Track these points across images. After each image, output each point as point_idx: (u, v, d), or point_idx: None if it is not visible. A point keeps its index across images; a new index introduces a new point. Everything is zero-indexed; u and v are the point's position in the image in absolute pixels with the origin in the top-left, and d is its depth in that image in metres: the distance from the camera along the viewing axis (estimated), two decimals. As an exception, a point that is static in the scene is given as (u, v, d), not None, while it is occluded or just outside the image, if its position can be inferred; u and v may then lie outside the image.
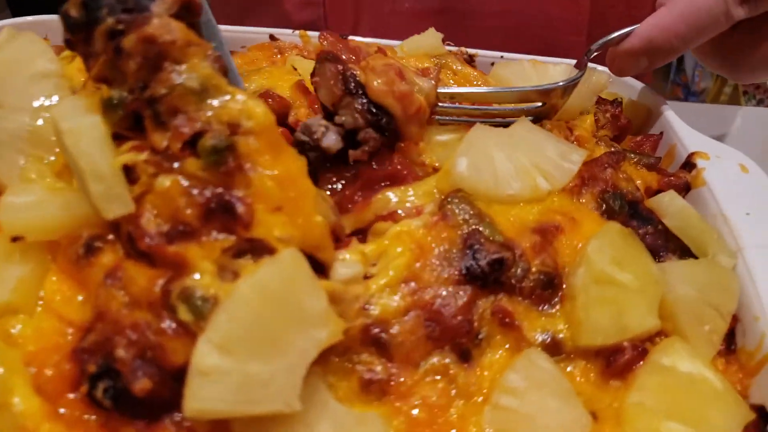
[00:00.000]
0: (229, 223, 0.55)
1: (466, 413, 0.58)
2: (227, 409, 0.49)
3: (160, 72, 0.56)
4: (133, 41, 0.55)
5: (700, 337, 0.64)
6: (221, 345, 0.49)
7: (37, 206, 0.57)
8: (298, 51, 1.09)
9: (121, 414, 0.53)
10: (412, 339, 0.59)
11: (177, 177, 0.54)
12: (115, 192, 0.54)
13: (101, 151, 0.55)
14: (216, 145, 0.54)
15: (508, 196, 0.69)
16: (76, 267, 0.57)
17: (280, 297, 0.52)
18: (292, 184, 0.57)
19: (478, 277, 0.61)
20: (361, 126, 0.71)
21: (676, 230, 0.73)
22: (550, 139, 0.77)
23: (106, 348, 0.52)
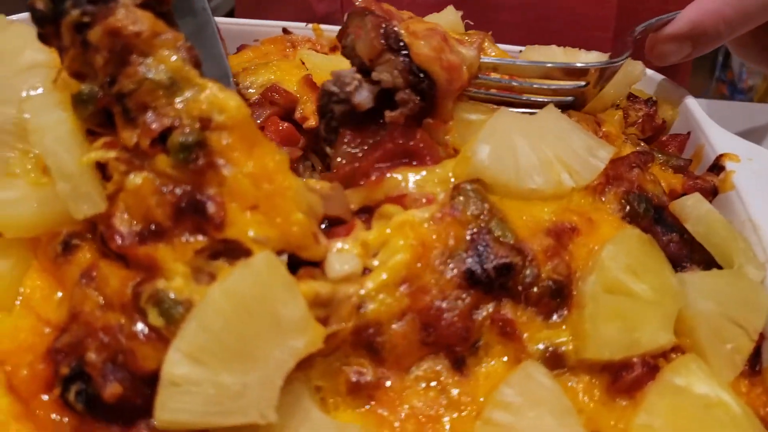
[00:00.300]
0: (201, 224, 0.52)
1: (458, 427, 0.54)
2: (199, 420, 0.47)
3: (128, 66, 0.53)
4: (99, 34, 0.53)
5: (720, 356, 0.59)
6: (192, 354, 0.47)
7: (17, 203, 0.56)
8: (311, 45, 1.06)
9: (94, 418, 0.51)
10: (405, 343, 0.55)
11: (148, 175, 0.52)
12: (83, 191, 0.52)
13: (68, 148, 0.53)
14: (184, 141, 0.52)
15: (530, 191, 0.64)
16: (55, 265, 0.56)
17: (254, 304, 0.49)
18: (269, 181, 0.54)
19: (483, 282, 0.57)
20: (400, 86, 0.65)
21: (699, 237, 0.67)
22: (578, 132, 0.70)
23: (79, 350, 0.51)
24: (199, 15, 0.70)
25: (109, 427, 0.51)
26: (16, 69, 0.64)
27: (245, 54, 1.02)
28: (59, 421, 0.51)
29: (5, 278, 0.56)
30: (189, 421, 0.46)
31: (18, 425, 0.49)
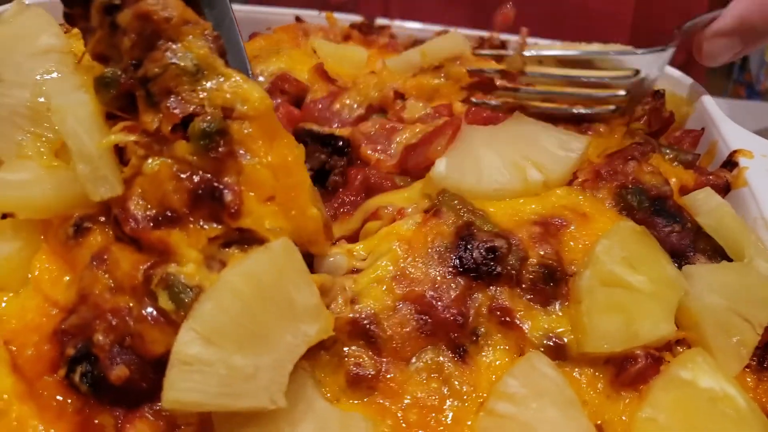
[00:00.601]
0: (217, 211, 0.53)
1: (461, 417, 0.54)
2: (208, 401, 0.47)
3: (155, 50, 0.54)
4: (129, 17, 0.53)
5: (726, 349, 0.58)
6: (205, 335, 0.47)
7: (30, 184, 0.57)
8: (323, 33, 1.07)
9: (98, 400, 0.51)
10: (402, 332, 0.56)
11: (166, 160, 0.53)
12: (102, 174, 0.53)
13: (88, 130, 0.53)
14: (207, 128, 0.52)
15: (495, 191, 0.66)
16: (65, 247, 0.56)
17: (270, 288, 0.50)
18: (287, 174, 0.55)
19: (471, 268, 0.58)
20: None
21: (710, 230, 0.67)
22: (547, 130, 0.72)
23: (86, 332, 0.51)
24: (218, 6, 0.70)
25: (112, 410, 0.51)
26: (31, 53, 0.65)
27: (257, 42, 1.02)
28: (63, 401, 0.51)
29: (13, 260, 0.56)
30: (198, 401, 0.46)
31: (21, 405, 0.50)
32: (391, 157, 0.75)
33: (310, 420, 0.51)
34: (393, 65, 0.88)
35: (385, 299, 0.57)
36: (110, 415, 0.51)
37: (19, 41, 0.66)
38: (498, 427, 0.52)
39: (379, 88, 0.84)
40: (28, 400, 0.50)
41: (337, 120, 0.82)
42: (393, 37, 1.06)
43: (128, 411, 0.51)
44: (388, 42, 1.03)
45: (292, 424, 0.50)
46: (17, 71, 0.63)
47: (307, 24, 1.08)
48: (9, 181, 0.56)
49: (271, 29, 1.08)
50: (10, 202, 0.56)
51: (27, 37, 0.66)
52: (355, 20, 1.07)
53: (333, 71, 0.89)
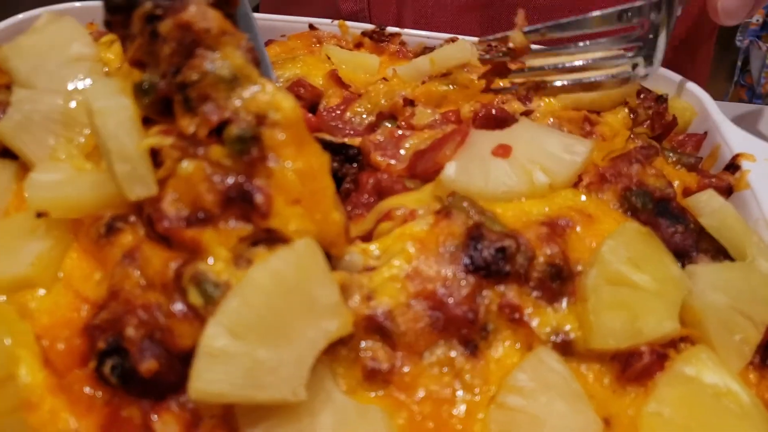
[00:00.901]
0: (248, 212, 0.55)
1: (473, 409, 0.56)
2: (232, 392, 0.49)
3: (194, 58, 0.56)
4: (170, 26, 0.56)
5: (729, 346, 0.60)
6: (232, 329, 0.49)
7: (62, 184, 0.60)
8: (336, 41, 1.09)
9: (127, 392, 0.54)
10: (415, 328, 0.58)
11: (200, 163, 0.55)
12: (139, 173, 0.55)
13: (129, 132, 0.56)
14: (241, 134, 0.55)
15: (503, 193, 0.68)
16: (97, 246, 0.59)
17: (294, 285, 0.52)
18: (313, 179, 0.57)
19: (481, 266, 0.60)
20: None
21: (712, 230, 0.69)
22: (552, 134, 0.75)
23: (117, 326, 0.54)
24: (242, 20, 0.73)
25: (140, 402, 0.54)
26: (64, 60, 0.68)
27: (272, 49, 1.05)
28: (92, 395, 0.54)
29: (45, 258, 0.59)
30: (223, 392, 0.48)
31: (53, 399, 0.52)
32: (401, 162, 0.78)
33: (330, 411, 0.53)
34: (403, 73, 0.91)
35: (399, 296, 0.59)
36: (137, 408, 0.53)
37: (52, 50, 0.69)
38: (509, 419, 0.55)
39: (389, 96, 0.86)
40: (60, 394, 0.52)
41: (348, 128, 0.85)
42: (403, 45, 1.08)
43: (155, 403, 0.54)
44: (399, 49, 1.06)
45: (312, 415, 0.53)
46: (50, 79, 0.67)
47: (320, 32, 1.10)
48: (42, 182, 0.59)
49: (286, 36, 1.11)
50: (43, 201, 0.58)
51: (59, 45, 0.69)
52: (366, 28, 1.10)
53: (346, 77, 0.91)
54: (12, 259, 0.58)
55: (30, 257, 0.58)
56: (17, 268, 0.57)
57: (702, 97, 0.96)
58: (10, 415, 0.51)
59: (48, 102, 0.65)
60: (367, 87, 0.90)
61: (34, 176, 0.60)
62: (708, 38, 1.52)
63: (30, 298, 0.57)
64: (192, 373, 0.49)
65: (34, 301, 0.57)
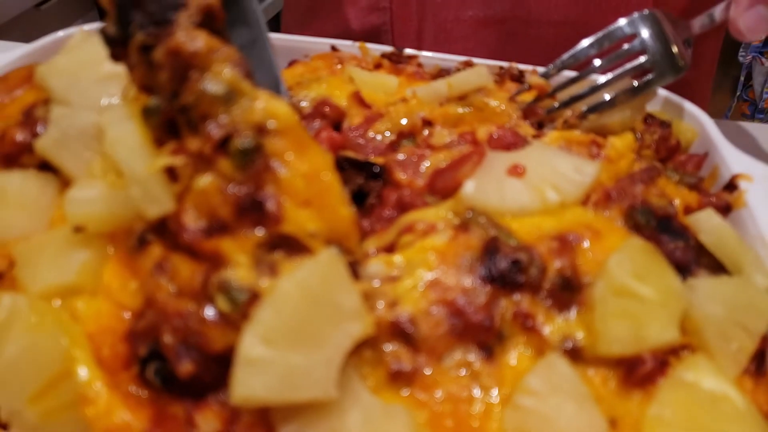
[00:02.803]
0: (261, 219, 0.59)
1: (489, 409, 0.61)
2: (271, 396, 0.54)
3: (188, 81, 0.60)
4: (162, 54, 0.60)
5: (726, 355, 0.65)
6: (266, 337, 0.54)
7: (96, 201, 0.64)
8: (356, 62, 1.15)
9: (169, 393, 0.58)
10: (436, 333, 0.63)
11: (212, 177, 0.59)
12: (153, 194, 0.59)
13: (139, 156, 0.60)
14: (243, 147, 0.58)
15: (517, 209, 0.73)
16: (131, 257, 0.63)
17: (319, 294, 0.57)
18: (319, 179, 0.61)
19: (497, 277, 0.65)
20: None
21: (710, 247, 0.74)
22: (563, 156, 0.80)
23: (154, 333, 0.58)
24: (254, 27, 0.74)
25: (182, 401, 0.59)
26: (97, 78, 0.73)
27: (297, 69, 1.11)
28: (139, 394, 0.59)
29: (89, 266, 0.64)
30: (263, 397, 0.53)
31: (108, 395, 0.57)
32: (421, 179, 0.83)
33: (357, 409, 0.58)
34: (422, 94, 0.96)
35: (421, 303, 0.64)
36: (181, 406, 0.58)
37: (85, 67, 0.74)
38: (522, 418, 0.59)
39: (409, 116, 0.92)
40: (113, 391, 0.57)
41: (371, 146, 0.90)
42: (420, 66, 1.13)
43: (197, 401, 0.58)
44: (416, 71, 1.11)
45: (342, 413, 0.57)
46: (84, 95, 0.72)
47: (341, 53, 1.16)
48: (79, 199, 0.64)
49: (309, 56, 1.16)
50: (81, 216, 0.63)
51: (91, 63, 0.74)
52: (385, 50, 1.15)
53: (368, 97, 0.97)
54: (61, 267, 0.63)
55: (76, 265, 0.63)
56: (67, 276, 0.62)
57: (702, 119, 1.01)
58: (69, 409, 0.56)
59: (83, 118, 0.69)
60: (387, 107, 0.96)
61: (71, 194, 0.64)
62: (712, 52, 1.55)
63: (76, 304, 0.62)
64: (233, 381, 0.53)
65: (81, 308, 0.62)
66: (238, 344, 0.53)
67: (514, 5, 1.35)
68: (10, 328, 0.57)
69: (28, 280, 0.63)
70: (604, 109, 0.91)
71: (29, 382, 0.56)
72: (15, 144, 0.74)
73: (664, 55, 0.91)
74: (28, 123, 0.76)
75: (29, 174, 0.73)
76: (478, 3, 1.37)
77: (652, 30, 0.93)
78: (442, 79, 0.98)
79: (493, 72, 1.08)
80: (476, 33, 1.39)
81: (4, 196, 0.70)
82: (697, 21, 0.96)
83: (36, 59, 1.07)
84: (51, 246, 0.66)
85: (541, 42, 1.36)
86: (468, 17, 1.38)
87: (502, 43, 1.39)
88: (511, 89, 1.02)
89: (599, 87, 0.93)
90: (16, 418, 0.56)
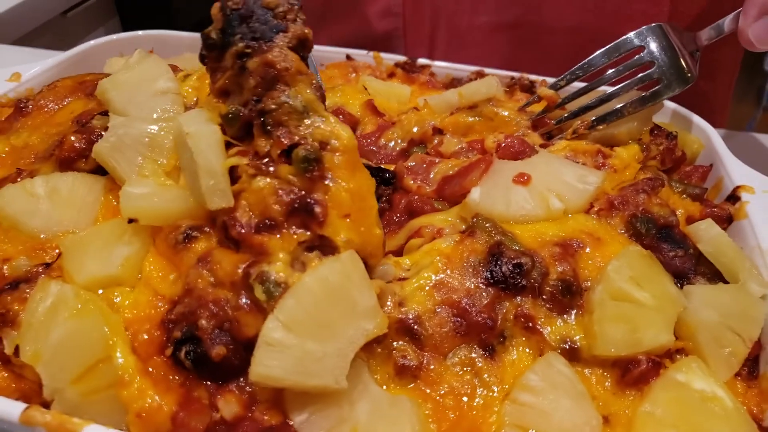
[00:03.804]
0: (307, 221, 0.66)
1: (489, 404, 0.65)
2: (286, 377, 0.58)
3: (273, 91, 0.70)
4: (256, 63, 0.69)
5: (718, 358, 0.68)
6: (286, 323, 0.59)
7: (149, 197, 0.71)
8: (371, 71, 1.19)
9: (198, 374, 0.63)
10: (441, 332, 0.67)
11: (271, 180, 0.67)
12: (221, 187, 0.67)
13: (216, 152, 0.68)
14: (307, 155, 0.67)
15: (522, 216, 0.77)
16: (173, 250, 0.69)
17: (339, 290, 0.62)
18: (362, 198, 0.69)
19: (500, 280, 0.69)
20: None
21: (709, 256, 0.77)
22: (568, 165, 0.84)
23: (191, 319, 0.63)
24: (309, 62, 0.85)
25: (207, 385, 0.63)
26: (152, 93, 0.81)
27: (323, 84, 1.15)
28: (169, 378, 0.63)
29: (131, 260, 0.69)
30: (278, 377, 0.58)
31: (141, 379, 0.61)
32: (430, 185, 0.87)
33: (366, 400, 0.62)
34: (434, 103, 1.00)
35: (427, 303, 0.68)
36: (205, 390, 0.63)
37: (142, 84, 0.82)
38: (521, 413, 0.63)
39: (420, 124, 0.96)
40: (145, 376, 0.62)
41: (383, 153, 0.94)
42: (433, 75, 1.18)
43: (219, 386, 0.63)
44: (428, 80, 1.15)
45: (351, 403, 0.62)
46: (140, 108, 0.80)
47: (356, 62, 1.20)
48: (133, 194, 0.71)
49: (324, 66, 1.21)
50: (134, 210, 0.70)
51: (148, 80, 0.83)
52: (398, 59, 1.19)
53: (381, 106, 1.01)
54: (104, 260, 0.69)
55: (119, 259, 0.68)
56: (109, 269, 0.68)
57: (708, 131, 1.04)
58: (106, 390, 0.60)
59: (138, 128, 0.77)
60: (400, 115, 1.00)
61: (126, 189, 0.71)
62: (731, 62, 1.53)
63: (116, 294, 0.67)
64: (253, 359, 0.58)
65: (120, 298, 0.67)
66: (263, 327, 0.59)
67: (527, 12, 1.36)
68: (57, 314, 0.62)
69: (74, 270, 0.68)
70: (613, 120, 0.94)
71: (73, 364, 0.61)
72: (73, 150, 0.81)
73: (671, 67, 0.94)
74: (84, 131, 0.83)
75: (79, 175, 0.80)
76: (491, 9, 1.38)
77: (660, 42, 0.95)
78: (454, 89, 1.02)
79: (504, 82, 1.12)
80: (489, 39, 1.41)
81: (57, 195, 0.77)
82: (704, 33, 0.97)
83: (68, 66, 1.14)
84: (96, 241, 0.71)
85: (553, 49, 1.37)
86: (481, 23, 1.40)
87: (514, 50, 1.40)
88: (521, 99, 1.06)
89: (608, 98, 0.96)
90: (58, 396, 0.61)
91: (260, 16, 0.70)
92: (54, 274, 0.69)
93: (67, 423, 0.58)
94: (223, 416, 0.61)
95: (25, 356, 0.62)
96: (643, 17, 1.30)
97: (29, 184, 0.77)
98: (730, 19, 0.94)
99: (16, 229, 0.75)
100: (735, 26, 0.92)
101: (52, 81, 1.01)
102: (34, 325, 0.62)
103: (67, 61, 1.15)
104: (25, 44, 1.83)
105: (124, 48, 1.23)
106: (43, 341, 0.61)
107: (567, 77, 1.01)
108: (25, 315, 0.64)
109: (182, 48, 1.23)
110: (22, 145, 0.89)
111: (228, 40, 0.70)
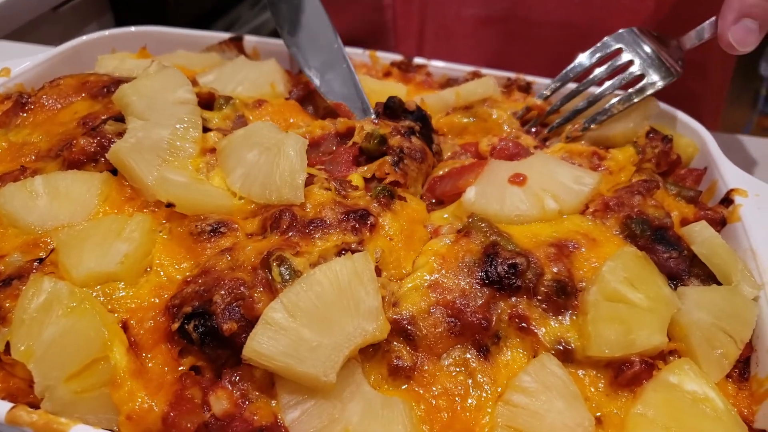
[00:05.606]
0: (358, 227, 0.72)
1: (482, 404, 0.65)
2: (276, 357, 0.59)
3: (408, 159, 0.85)
4: (398, 141, 0.87)
5: (710, 359, 0.68)
6: (288, 307, 0.61)
7: (188, 185, 0.76)
8: (366, 70, 1.19)
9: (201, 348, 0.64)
10: (435, 332, 0.67)
11: (333, 193, 0.78)
12: (297, 183, 0.75)
13: (301, 157, 0.78)
14: (388, 190, 0.79)
15: (516, 216, 0.78)
16: (196, 238, 0.73)
17: (345, 286, 0.63)
18: (411, 231, 0.77)
19: (495, 280, 0.69)
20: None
21: (702, 257, 0.77)
22: (563, 166, 0.84)
23: (205, 297, 0.65)
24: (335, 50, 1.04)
25: (199, 383, 0.63)
26: (171, 102, 0.86)
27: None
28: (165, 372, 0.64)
29: (131, 257, 0.69)
30: (269, 354, 0.59)
31: (132, 382, 0.61)
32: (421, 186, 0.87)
33: (358, 400, 0.62)
34: (431, 102, 1.00)
35: (421, 304, 0.68)
36: (198, 388, 0.62)
37: (162, 92, 0.86)
38: (513, 414, 0.63)
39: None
40: (138, 377, 0.62)
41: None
42: (429, 75, 1.17)
43: (212, 383, 0.63)
44: (424, 79, 1.15)
45: (343, 402, 0.62)
46: (160, 115, 0.84)
47: (352, 60, 1.19)
48: (170, 179, 0.76)
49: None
50: (174, 196, 0.74)
51: (167, 89, 0.87)
52: (395, 59, 1.19)
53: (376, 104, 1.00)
54: (103, 256, 0.69)
55: (119, 256, 0.68)
56: (108, 265, 0.67)
57: (703, 134, 1.04)
58: (99, 389, 0.60)
59: (158, 133, 0.81)
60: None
61: (165, 173, 0.76)
62: (722, 62, 1.53)
63: (114, 290, 0.67)
64: (250, 335, 0.60)
65: (118, 292, 0.67)
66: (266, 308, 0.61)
67: (515, 5, 1.36)
68: (50, 311, 0.62)
69: (72, 265, 0.68)
70: (603, 119, 0.94)
71: (68, 362, 0.60)
72: (83, 152, 0.82)
73: (652, 63, 0.95)
74: (96, 135, 0.84)
75: (79, 173, 0.80)
76: (479, 1, 1.38)
77: (637, 41, 0.97)
78: (451, 88, 1.02)
79: (501, 82, 1.12)
80: (477, 31, 1.40)
81: (56, 191, 0.77)
82: (686, 38, 0.98)
83: (60, 61, 1.13)
84: (95, 235, 0.71)
85: (542, 43, 1.37)
86: (469, 15, 1.40)
87: (503, 43, 1.40)
88: (518, 99, 1.06)
89: (595, 99, 0.96)
90: (49, 393, 0.60)
91: None
92: (47, 269, 0.68)
93: (54, 423, 0.58)
94: (214, 413, 0.61)
95: (16, 353, 0.61)
96: (630, 12, 1.31)
97: (29, 183, 0.78)
98: (710, 24, 0.95)
99: (13, 226, 0.75)
100: (715, 31, 0.93)
101: (42, 76, 1.00)
102: (26, 321, 0.62)
103: (58, 57, 1.13)
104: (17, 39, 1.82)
105: (116, 44, 1.22)
106: (36, 338, 0.61)
107: (559, 81, 1.01)
108: (16, 311, 0.64)
109: (175, 44, 1.22)
110: (21, 141, 0.90)
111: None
